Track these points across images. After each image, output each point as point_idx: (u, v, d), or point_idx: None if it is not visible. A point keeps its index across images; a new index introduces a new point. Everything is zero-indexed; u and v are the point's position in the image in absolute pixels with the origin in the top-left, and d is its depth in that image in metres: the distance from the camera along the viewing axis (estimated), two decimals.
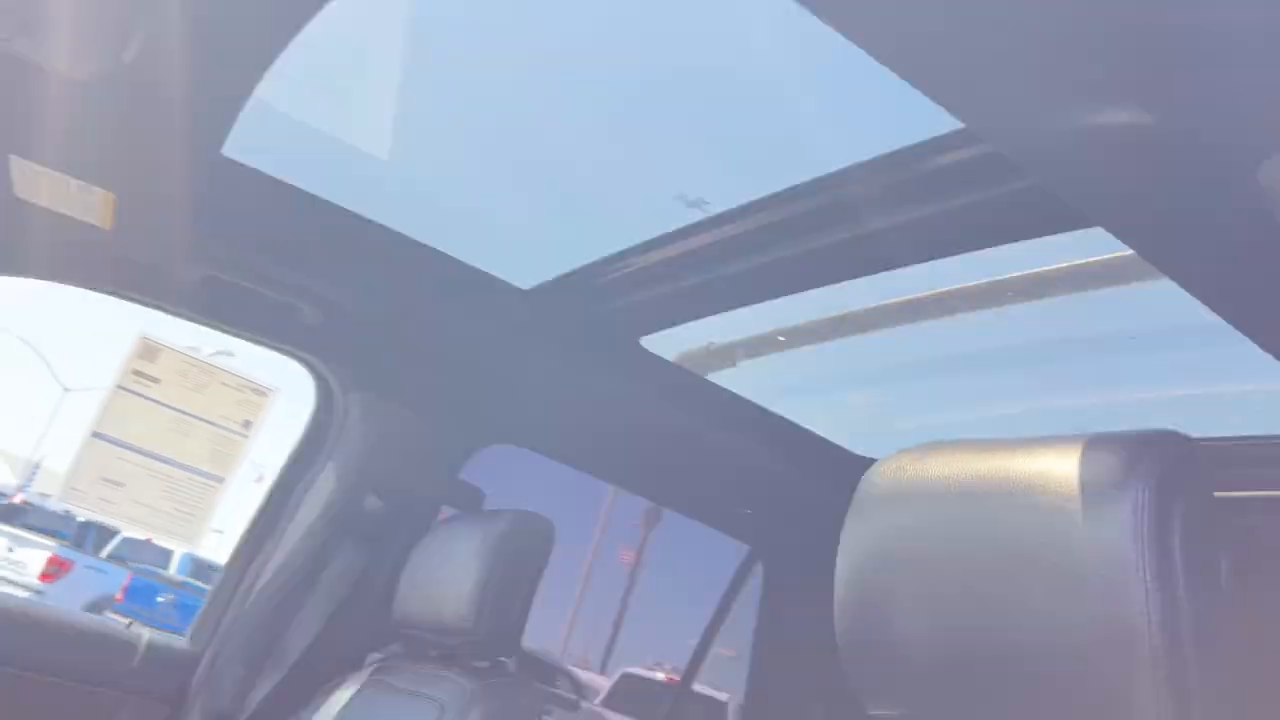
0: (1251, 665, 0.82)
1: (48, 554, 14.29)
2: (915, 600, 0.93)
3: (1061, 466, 0.84)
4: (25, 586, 12.80)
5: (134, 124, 1.41)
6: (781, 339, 2.06)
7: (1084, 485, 0.82)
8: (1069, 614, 0.80)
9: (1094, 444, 0.84)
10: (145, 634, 2.11)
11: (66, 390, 23.07)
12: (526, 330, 2.03)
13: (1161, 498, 0.78)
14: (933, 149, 1.33)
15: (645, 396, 2.16)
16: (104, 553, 15.32)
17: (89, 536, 15.56)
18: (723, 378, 2.29)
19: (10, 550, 14.93)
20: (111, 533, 15.42)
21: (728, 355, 2.25)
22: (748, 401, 2.22)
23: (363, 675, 1.96)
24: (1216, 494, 0.98)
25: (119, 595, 13.14)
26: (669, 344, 2.18)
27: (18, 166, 1.56)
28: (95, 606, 11.84)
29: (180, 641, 2.16)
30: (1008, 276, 1.68)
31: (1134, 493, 0.78)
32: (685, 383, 2.18)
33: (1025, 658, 0.83)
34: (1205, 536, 0.80)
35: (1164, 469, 0.79)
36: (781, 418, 2.23)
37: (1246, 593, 0.80)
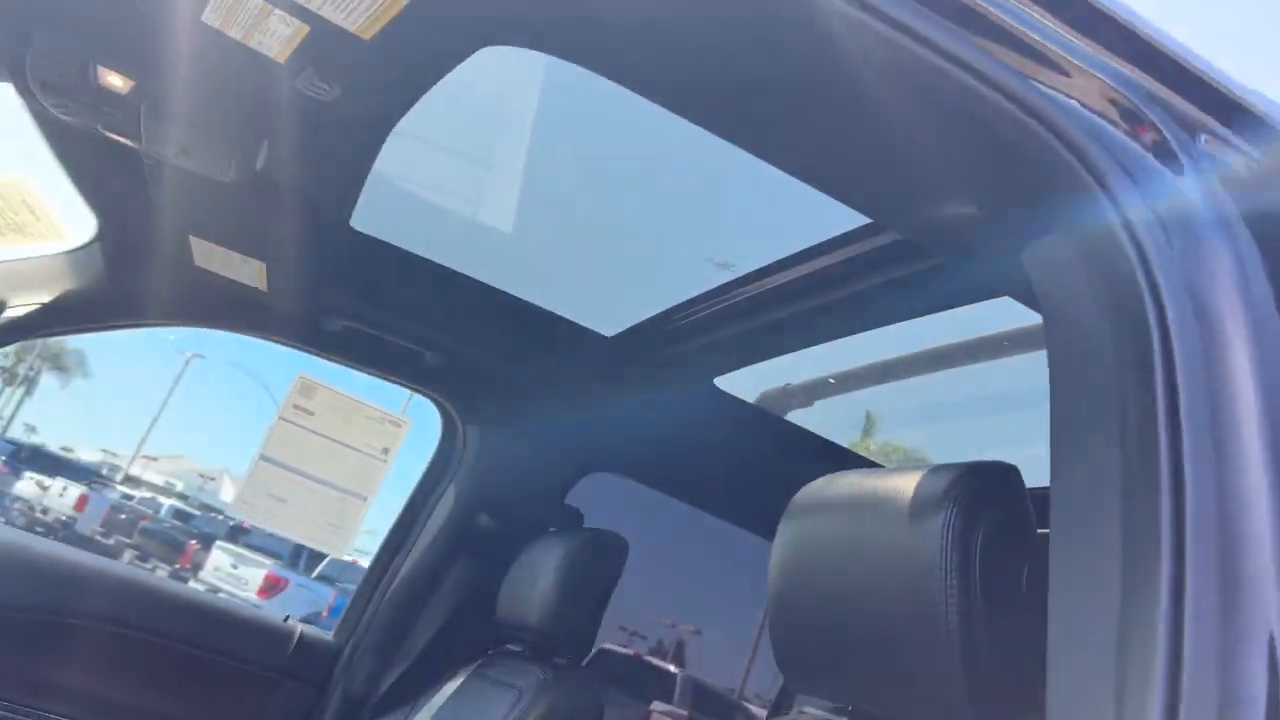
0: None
1: (265, 572, 15.60)
2: (812, 593, 1.16)
3: (908, 489, 1.06)
4: (245, 601, 14.00)
5: (272, 211, 1.79)
6: (832, 381, 2.26)
7: (916, 503, 1.03)
8: (897, 603, 1.01)
9: (933, 472, 1.05)
10: (299, 628, 2.51)
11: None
12: (612, 372, 2.31)
13: (968, 515, 0.98)
14: None
15: (721, 431, 2.40)
16: (314, 573, 16.55)
17: (302, 557, 16.87)
18: (799, 417, 2.51)
19: (234, 567, 16.38)
20: (321, 555, 16.66)
21: (804, 395, 2.47)
22: (819, 437, 2.43)
23: (470, 668, 2.28)
24: None
25: (324, 612, 14.18)
26: (747, 385, 2.43)
27: (195, 243, 1.98)
28: (305, 622, 12.85)
29: (327, 636, 2.55)
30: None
31: (946, 510, 0.99)
32: (758, 418, 2.41)
33: (872, 639, 1.05)
34: (1006, 549, 0.99)
35: (974, 494, 1.00)
36: (849, 451, 2.43)
37: None
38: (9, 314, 2.10)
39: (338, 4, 1.07)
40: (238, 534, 17.97)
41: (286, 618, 2.55)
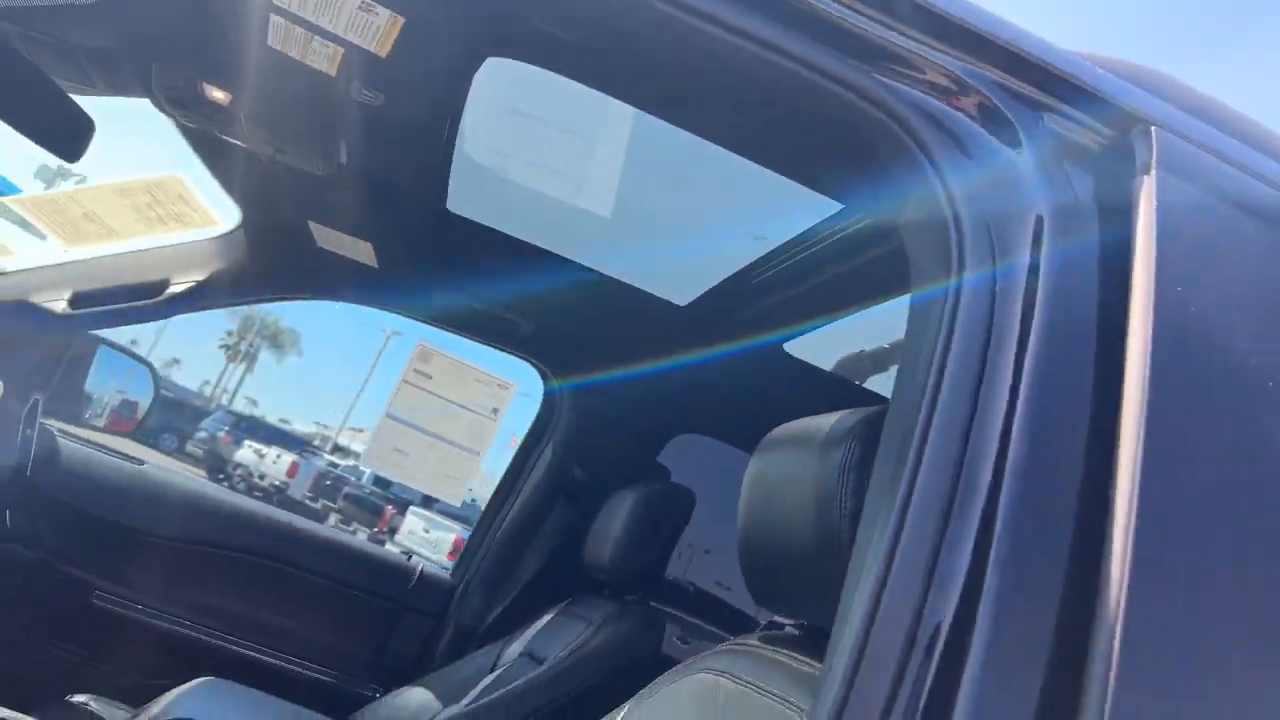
0: None
1: (454, 536, 16.54)
2: (763, 520, 1.33)
3: (827, 428, 1.22)
4: (435, 563, 14.89)
5: (369, 197, 2.08)
6: (886, 346, 2.38)
7: (828, 439, 1.20)
8: (812, 525, 1.18)
9: (850, 413, 1.21)
10: (420, 565, 2.84)
11: None
12: (688, 337, 2.51)
13: (865, 448, 1.14)
14: None
15: (793, 393, 2.56)
16: None
17: None
18: (875, 382, 2.63)
19: (426, 531, 17.45)
20: None
21: (874, 362, 2.59)
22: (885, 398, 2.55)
23: (561, 605, 2.54)
24: None
25: None
26: (820, 351, 2.57)
27: (314, 227, 2.30)
28: None
29: (445, 574, 2.87)
30: None
31: (847, 444, 1.15)
32: (826, 381, 2.56)
33: (796, 557, 1.22)
34: None
35: (872, 431, 1.15)
36: None
37: None
38: (172, 289, 2.49)
39: (356, 29, 1.31)
40: (431, 501, 19.07)
41: (409, 557, 2.88)
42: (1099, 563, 0.79)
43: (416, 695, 2.47)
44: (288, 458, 20.84)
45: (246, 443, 21.55)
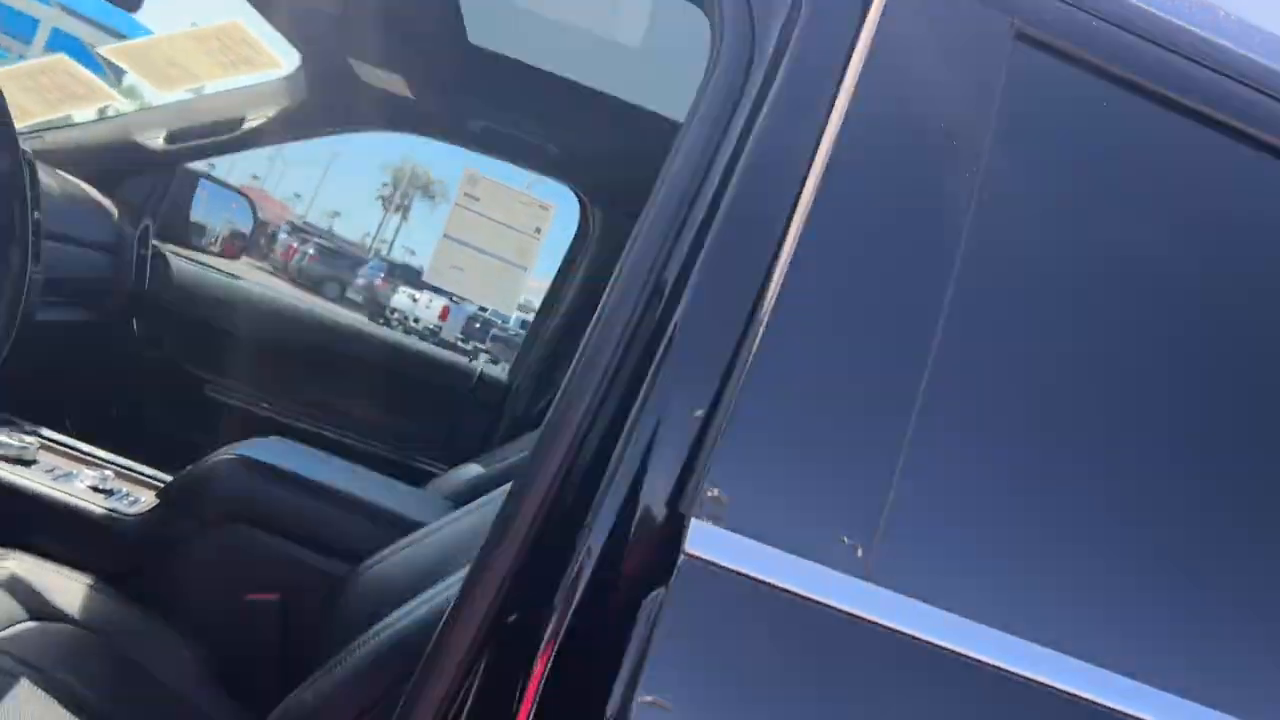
0: None
1: None
2: None
3: None
4: None
5: (390, 33, 2.37)
6: None
7: None
8: None
9: None
10: (480, 367, 3.24)
11: None
12: None
13: None
14: None
15: None
16: None
17: None
18: None
19: None
20: None
21: None
22: None
23: None
24: None
25: None
26: None
27: (354, 64, 2.62)
28: None
29: (502, 375, 3.27)
30: None
31: None
32: None
33: None
34: None
35: None
36: None
37: None
38: (247, 125, 2.87)
39: None
40: None
41: (470, 359, 3.29)
42: (775, 255, 1.05)
43: (473, 468, 2.90)
44: (439, 302, 21.93)
45: (402, 289, 22.74)
